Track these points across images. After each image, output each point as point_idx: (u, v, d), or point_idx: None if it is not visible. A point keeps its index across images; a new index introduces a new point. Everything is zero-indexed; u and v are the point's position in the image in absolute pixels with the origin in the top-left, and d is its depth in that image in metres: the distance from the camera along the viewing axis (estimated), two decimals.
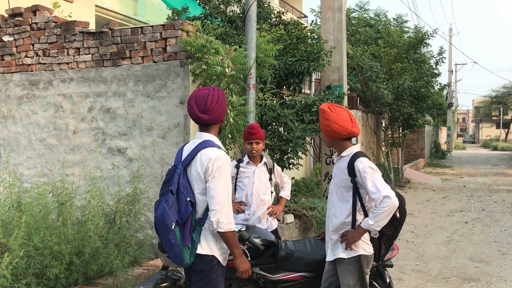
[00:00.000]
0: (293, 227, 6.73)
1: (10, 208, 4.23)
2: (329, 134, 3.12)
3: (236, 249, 2.72)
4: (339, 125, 3.05)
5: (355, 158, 3.06)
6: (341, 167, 3.13)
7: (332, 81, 8.76)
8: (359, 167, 3.01)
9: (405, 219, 3.22)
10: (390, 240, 3.20)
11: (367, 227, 2.95)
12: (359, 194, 3.06)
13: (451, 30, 37.93)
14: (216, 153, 2.70)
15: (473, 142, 68.47)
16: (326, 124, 3.10)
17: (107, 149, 5.65)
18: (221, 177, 2.66)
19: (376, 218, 2.91)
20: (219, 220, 2.62)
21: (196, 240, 2.72)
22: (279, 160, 6.57)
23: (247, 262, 2.78)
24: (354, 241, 3.02)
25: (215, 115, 2.80)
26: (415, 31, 15.69)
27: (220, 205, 2.63)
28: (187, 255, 2.69)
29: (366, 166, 2.99)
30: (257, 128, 4.20)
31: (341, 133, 3.08)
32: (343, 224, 3.13)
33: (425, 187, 14.91)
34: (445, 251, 7.05)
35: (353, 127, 3.08)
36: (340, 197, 3.14)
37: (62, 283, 3.80)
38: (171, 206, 2.69)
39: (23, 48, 6.01)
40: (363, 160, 3.04)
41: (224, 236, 2.67)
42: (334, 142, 3.17)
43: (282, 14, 9.75)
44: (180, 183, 2.74)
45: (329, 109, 3.09)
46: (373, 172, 2.99)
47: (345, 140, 3.13)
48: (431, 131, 28.20)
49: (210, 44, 5.09)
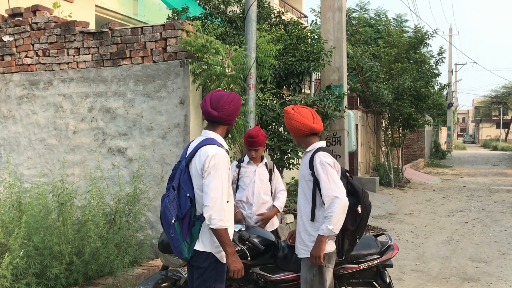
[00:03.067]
0: (293, 227, 6.74)
1: (10, 208, 4.23)
2: (293, 132, 3.28)
3: (228, 247, 2.70)
4: (299, 122, 3.20)
5: (316, 152, 3.17)
6: (305, 162, 3.26)
7: (332, 81, 8.77)
8: (316, 161, 3.11)
9: (370, 214, 3.28)
10: (353, 235, 3.24)
11: (328, 233, 3.00)
12: (320, 189, 3.11)
13: (451, 30, 37.88)
14: (214, 151, 2.72)
15: (473, 142, 68.46)
16: (287, 123, 3.28)
17: (107, 149, 5.65)
18: (217, 174, 2.68)
19: (332, 221, 2.97)
20: (211, 216, 2.64)
21: (195, 235, 2.76)
22: (279, 160, 6.58)
23: (240, 262, 2.76)
24: (320, 254, 3.05)
25: (225, 114, 2.84)
26: (415, 31, 15.70)
27: (213, 201, 2.65)
28: (186, 250, 2.75)
29: (323, 161, 3.09)
30: (256, 136, 4.12)
31: (302, 130, 3.22)
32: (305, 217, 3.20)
33: (425, 187, 14.91)
34: (445, 251, 7.05)
35: (314, 123, 3.22)
36: (304, 191, 3.24)
37: (62, 283, 3.81)
38: (172, 201, 2.79)
39: (23, 48, 6.01)
40: (322, 154, 3.13)
41: (215, 233, 2.68)
42: (299, 139, 3.31)
43: (282, 14, 9.76)
44: (182, 179, 2.79)
45: (292, 110, 3.27)
46: (329, 168, 3.07)
47: (309, 136, 3.26)
48: (431, 131, 28.20)
49: (210, 44, 5.09)
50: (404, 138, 15.78)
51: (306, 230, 3.19)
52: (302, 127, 3.21)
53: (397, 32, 16.09)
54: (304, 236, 3.19)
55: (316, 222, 3.14)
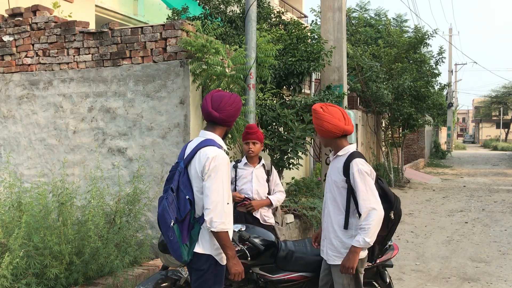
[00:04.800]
0: (293, 227, 6.73)
1: (10, 208, 4.23)
2: (323, 134, 3.11)
3: (229, 250, 2.68)
4: (331, 123, 3.04)
5: (351, 158, 3.04)
6: (337, 166, 3.12)
7: (332, 81, 8.76)
8: (353, 169, 2.99)
9: (400, 220, 3.18)
10: (384, 241, 3.16)
11: (365, 245, 2.93)
12: (354, 196, 3.02)
13: (451, 30, 37.89)
14: (214, 152, 2.68)
15: (473, 142, 68.45)
16: (318, 124, 3.10)
17: (107, 149, 5.65)
18: (217, 177, 2.65)
19: (369, 233, 2.90)
20: (212, 219, 2.61)
21: (195, 238, 2.73)
22: (279, 160, 6.57)
23: (240, 265, 2.73)
24: (354, 265, 2.98)
25: (225, 115, 2.80)
26: (415, 31, 15.69)
27: (214, 204, 2.62)
28: (185, 253, 2.72)
29: (361, 170, 2.98)
30: (255, 128, 4.20)
31: (334, 132, 3.06)
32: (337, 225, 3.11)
33: (425, 187, 14.91)
34: (445, 251, 7.05)
35: (346, 125, 3.08)
36: (335, 197, 3.12)
37: (62, 283, 3.81)
38: (170, 204, 2.74)
39: (23, 48, 6.01)
40: (359, 162, 3.01)
41: (217, 236, 2.66)
42: (329, 141, 3.16)
43: (282, 14, 9.76)
44: (180, 181, 2.75)
45: (321, 109, 3.09)
46: (367, 177, 2.97)
47: (339, 138, 3.12)
48: (431, 131, 28.20)
49: (210, 44, 5.09)
50: (404, 138, 15.78)
51: (338, 237, 3.10)
52: (333, 129, 3.05)
53: (397, 32, 16.09)
54: (337, 243, 3.11)
55: (350, 230, 3.06)
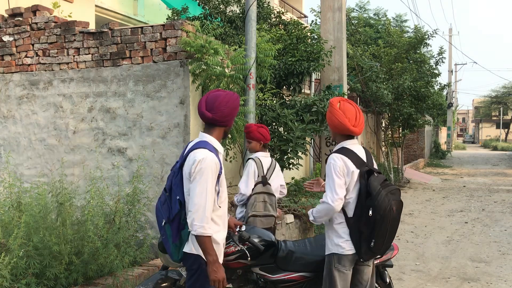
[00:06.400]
0: (293, 227, 6.73)
1: (10, 208, 4.23)
2: (330, 126, 3.25)
3: (209, 256, 2.62)
4: (339, 120, 3.13)
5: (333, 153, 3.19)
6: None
7: (332, 81, 8.77)
8: (327, 162, 3.15)
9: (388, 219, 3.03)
10: (368, 239, 3.09)
11: (309, 215, 3.27)
12: None
13: (451, 30, 37.90)
14: (202, 155, 2.64)
15: (473, 142, 68.46)
16: (329, 117, 3.21)
17: (107, 149, 5.65)
18: (202, 180, 2.61)
19: (315, 213, 3.20)
20: (193, 222, 2.59)
21: (185, 238, 2.74)
22: (279, 160, 6.57)
23: (222, 272, 2.64)
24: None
25: (219, 116, 2.75)
26: (415, 31, 15.69)
27: (197, 207, 2.59)
28: (176, 252, 2.76)
29: (330, 163, 3.11)
30: (247, 128, 4.40)
31: (339, 129, 3.17)
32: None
33: (425, 187, 14.90)
34: (445, 251, 7.05)
35: (354, 126, 3.13)
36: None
37: (62, 283, 3.81)
38: (163, 203, 2.80)
39: (23, 48, 6.01)
40: (334, 156, 3.14)
41: (197, 240, 2.63)
42: (334, 135, 3.30)
43: (282, 14, 9.76)
44: (174, 181, 2.76)
45: (337, 104, 3.18)
46: (332, 171, 3.08)
47: (343, 136, 3.22)
48: (431, 131, 28.20)
49: (209, 44, 5.09)
50: (404, 138, 15.77)
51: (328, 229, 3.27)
52: (339, 126, 3.15)
53: (397, 32, 16.08)
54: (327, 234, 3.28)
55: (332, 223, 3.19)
